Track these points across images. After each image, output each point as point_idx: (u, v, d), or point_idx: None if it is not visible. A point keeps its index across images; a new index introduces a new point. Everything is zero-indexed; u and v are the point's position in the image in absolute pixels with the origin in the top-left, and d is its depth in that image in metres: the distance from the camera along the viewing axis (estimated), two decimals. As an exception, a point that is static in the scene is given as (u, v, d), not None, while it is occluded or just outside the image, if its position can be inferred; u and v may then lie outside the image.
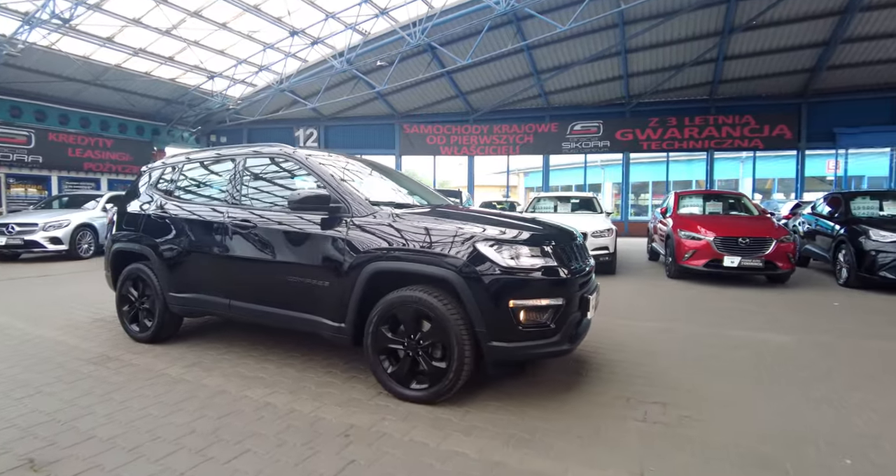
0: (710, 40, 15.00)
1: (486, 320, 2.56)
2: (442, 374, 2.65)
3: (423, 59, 16.10)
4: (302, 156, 3.35)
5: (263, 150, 3.57)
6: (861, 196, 8.31)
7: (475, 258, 2.60)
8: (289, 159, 3.42)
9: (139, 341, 3.90)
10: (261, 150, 3.58)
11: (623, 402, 2.83)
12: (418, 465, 2.11)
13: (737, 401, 2.87)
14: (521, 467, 2.12)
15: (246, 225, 3.32)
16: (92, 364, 3.40)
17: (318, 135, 20.23)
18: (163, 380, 3.10)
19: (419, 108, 19.75)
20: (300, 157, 3.35)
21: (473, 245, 2.62)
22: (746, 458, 2.22)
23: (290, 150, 3.43)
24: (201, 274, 3.54)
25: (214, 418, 2.54)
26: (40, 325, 4.50)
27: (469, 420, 2.56)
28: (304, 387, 3.00)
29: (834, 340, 4.17)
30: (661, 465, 2.14)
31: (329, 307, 2.97)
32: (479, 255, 2.60)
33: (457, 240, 2.67)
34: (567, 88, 18.24)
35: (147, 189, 4.08)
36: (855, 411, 2.73)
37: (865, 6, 13.11)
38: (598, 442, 2.36)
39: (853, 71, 15.76)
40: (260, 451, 2.21)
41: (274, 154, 3.51)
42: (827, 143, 17.19)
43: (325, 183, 3.12)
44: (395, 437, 2.36)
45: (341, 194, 3.03)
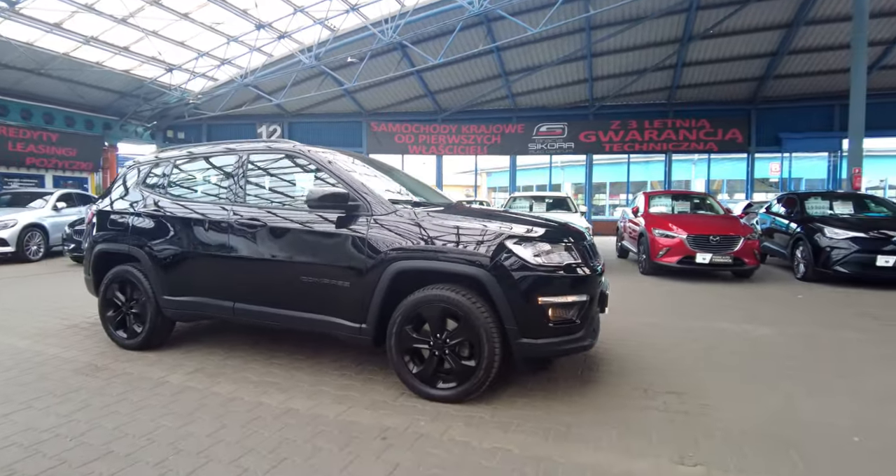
0: (671, 47, 15.68)
1: (516, 318, 2.57)
2: (471, 372, 2.64)
3: (392, 56, 15.97)
4: (316, 154, 3.25)
5: (272, 146, 3.44)
6: (814, 196, 8.92)
7: (505, 256, 2.61)
8: (299, 156, 3.30)
9: (127, 348, 3.66)
10: (271, 146, 3.44)
11: (640, 393, 2.92)
12: (466, 464, 2.10)
13: (741, 389, 3.02)
14: (567, 461, 2.14)
15: (254, 224, 3.18)
16: (81, 375, 3.16)
17: (281, 131, 19.66)
18: (166, 389, 2.93)
19: (387, 106, 19.58)
20: (313, 154, 3.24)
21: (503, 243, 2.63)
22: (769, 441, 2.34)
23: (303, 147, 3.31)
24: (200, 276, 3.37)
25: (236, 427, 2.43)
26: (7, 333, 4.16)
27: (500, 417, 2.56)
28: (322, 390, 2.91)
29: (810, 331, 4.45)
30: (697, 452, 2.22)
31: (348, 308, 2.90)
32: (509, 253, 2.61)
33: (486, 238, 2.67)
34: (534, 90, 18.57)
35: (135, 186, 3.84)
36: (848, 396, 2.93)
37: (808, 21, 14.09)
38: (630, 432, 2.42)
39: (797, 80, 16.90)
40: (297, 459, 2.13)
41: (283, 150, 3.38)
42: (774, 147, 18.33)
43: (342, 181, 3.03)
44: (434, 437, 2.33)
45: (360, 193, 2.96)
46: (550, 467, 2.09)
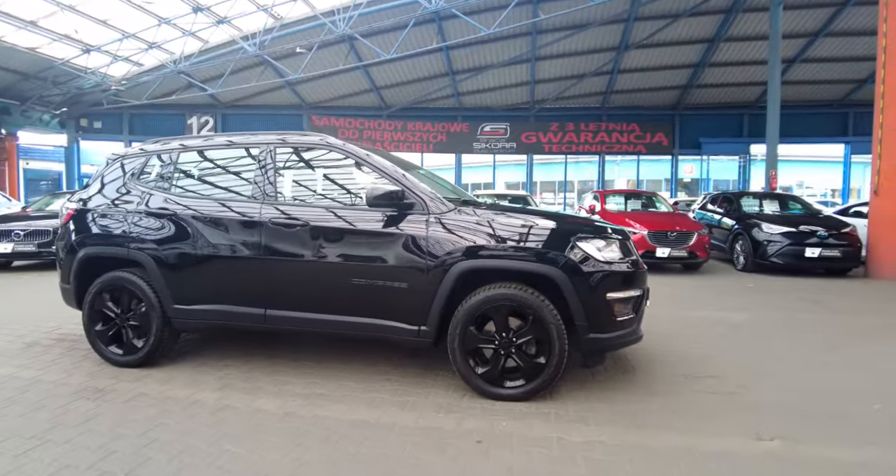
0: (609, 54, 16.63)
1: (586, 314, 2.63)
2: (540, 369, 2.66)
3: (339, 49, 15.46)
4: (353, 148, 3.07)
5: (302, 140, 3.20)
6: (746, 196, 9.93)
7: (577, 254, 2.65)
8: (332, 150, 3.11)
9: (123, 366, 3.23)
10: (300, 139, 3.20)
11: (682, 379, 3.11)
12: (575, 459, 2.12)
13: (761, 368, 3.32)
14: (660, 445, 2.25)
15: (292, 224, 2.94)
16: (84, 399, 2.74)
17: (214, 123, 18.35)
18: (202, 409, 2.62)
19: (330, 99, 18.95)
20: (350, 149, 3.07)
21: (574, 241, 2.67)
22: (814, 413, 2.63)
23: (336, 141, 3.12)
24: (224, 281, 3.07)
25: (315, 447, 2.23)
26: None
27: (573, 411, 2.61)
28: (378, 398, 2.78)
29: (778, 315, 4.96)
30: (767, 428, 2.41)
31: (406, 310, 2.79)
32: (580, 251, 2.66)
33: (557, 236, 2.70)
34: (479, 90, 18.87)
35: (127, 182, 3.40)
36: (847, 368, 3.35)
37: (727, 37, 15.60)
38: (696, 415, 2.58)
39: (715, 90, 18.64)
40: (413, 473, 2.02)
41: (314, 144, 3.17)
42: (694, 150, 20.07)
43: (394, 179, 2.90)
44: (526, 436, 2.32)
45: (413, 190, 2.85)
46: (651, 453, 2.18)
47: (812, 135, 19.36)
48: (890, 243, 7.51)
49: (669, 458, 2.15)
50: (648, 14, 14.54)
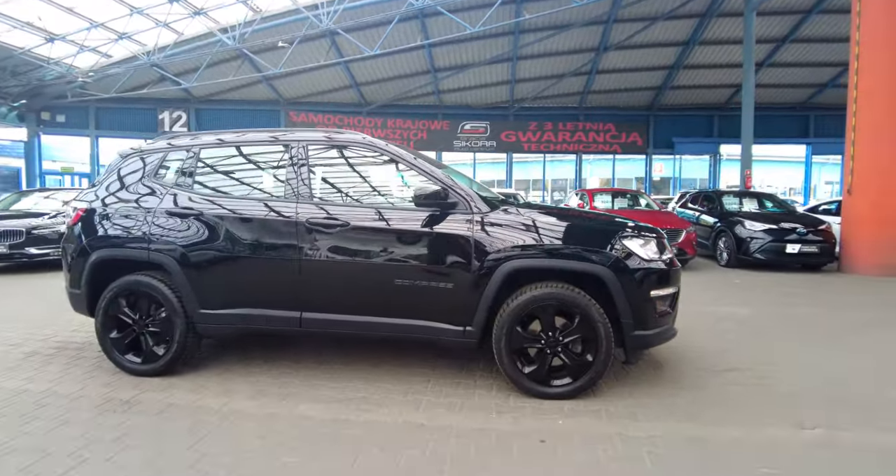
0: (588, 55, 16.93)
1: (632, 311, 2.67)
2: (587, 367, 2.69)
3: (321, 44, 15.17)
4: (393, 147, 3.01)
5: (338, 138, 3.11)
6: (726, 195, 10.30)
7: (624, 253, 2.69)
8: (371, 149, 3.04)
9: (141, 375, 3.06)
10: (334, 137, 3.11)
11: (707, 373, 3.20)
12: (642, 455, 2.15)
13: (779, 360, 3.47)
14: (715, 437, 2.33)
15: (332, 224, 2.86)
16: (111, 412, 2.58)
17: (187, 118, 17.69)
18: (244, 419, 2.51)
19: (308, 95, 18.58)
20: (391, 148, 3.01)
21: (621, 240, 2.71)
22: (842, 400, 2.77)
23: (377, 141, 3.05)
24: (257, 284, 2.95)
25: (376, 453, 2.18)
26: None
27: (620, 407, 2.65)
28: (423, 399, 2.74)
29: (778, 311, 5.17)
30: (805, 417, 2.52)
31: (451, 310, 2.76)
32: (627, 250, 2.70)
33: (603, 236, 2.73)
34: (460, 88, 18.90)
35: (143, 179, 3.22)
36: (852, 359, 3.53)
37: (701, 41, 16.13)
38: (734, 407, 2.68)
39: (687, 92, 19.25)
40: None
41: (353, 142, 3.09)
42: (667, 150, 20.69)
43: (437, 179, 2.86)
44: (587, 433, 2.35)
45: (458, 191, 2.83)
46: (709, 446, 2.25)
47: (776, 136, 20.20)
48: (862, 240, 7.93)
49: (729, 450, 2.21)
50: (628, 16, 14.87)
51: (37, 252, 7.47)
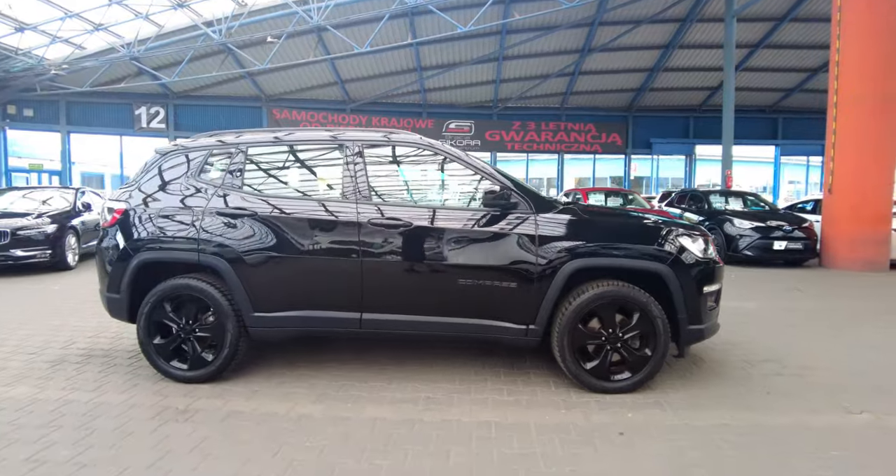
0: (572, 56, 17.22)
1: (687, 307, 2.79)
2: (644, 362, 2.79)
3: (307, 40, 14.92)
4: (450, 148, 3.04)
5: (394, 138, 3.12)
6: (712, 194, 10.69)
7: (681, 251, 2.81)
8: (429, 149, 3.06)
9: (187, 382, 2.97)
10: (391, 138, 3.11)
11: (746, 364, 3.37)
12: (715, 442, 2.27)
13: (808, 351, 3.67)
14: (778, 424, 2.49)
15: (394, 224, 2.86)
16: (173, 421, 2.50)
17: (165, 114, 17.09)
18: (316, 423, 2.48)
19: (291, 92, 18.24)
20: (448, 149, 3.04)
21: (677, 239, 2.82)
22: (873, 388, 2.97)
23: (434, 141, 3.07)
24: (316, 286, 2.92)
25: (465, 451, 2.21)
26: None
27: (679, 399, 2.78)
28: (490, 399, 2.78)
29: (781, 304, 5.44)
30: (849, 403, 2.71)
31: (514, 309, 2.82)
32: (683, 248, 2.81)
33: (662, 235, 2.84)
34: (445, 87, 18.91)
35: (189, 178, 3.13)
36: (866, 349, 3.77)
37: (681, 44, 16.64)
38: (783, 395, 2.86)
39: (665, 93, 19.82)
40: (586, 471, 2.07)
41: (410, 142, 3.10)
42: (645, 150, 21.26)
43: (497, 180, 2.90)
44: (659, 424, 2.46)
45: (519, 191, 2.88)
46: (775, 432, 2.40)
47: (748, 137, 20.98)
48: (842, 237, 8.39)
49: (795, 435, 2.36)
50: (613, 19, 15.21)
51: (23, 254, 7.11)
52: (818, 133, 20.61)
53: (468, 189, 3.10)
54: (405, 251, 2.87)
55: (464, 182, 3.11)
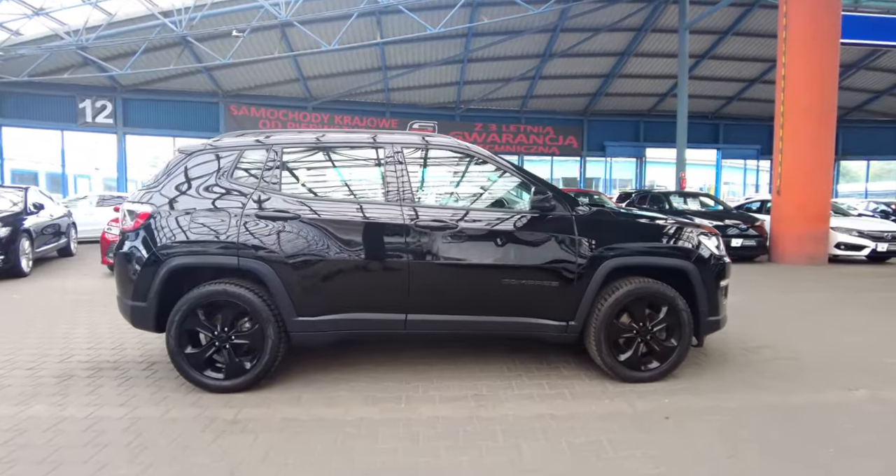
0: (534, 61, 17.72)
1: (708, 300, 3.06)
2: (671, 352, 3.02)
3: (270, 35, 14.47)
4: (486, 152, 3.14)
5: (433, 141, 3.18)
6: (672, 195, 11.39)
7: (702, 249, 3.07)
8: (467, 153, 3.16)
9: (223, 392, 2.88)
10: (430, 141, 3.16)
11: (745, 351, 3.71)
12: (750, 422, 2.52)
13: (797, 339, 4.04)
14: (792, 403, 2.79)
15: (440, 226, 2.92)
16: (229, 433, 2.41)
17: (112, 109, 15.99)
18: (378, 426, 2.49)
19: (250, 88, 17.61)
20: (485, 153, 3.14)
21: (699, 237, 3.07)
22: (861, 368, 3.34)
23: (472, 145, 3.16)
24: (362, 288, 2.92)
25: (535, 444, 2.32)
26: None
27: (702, 384, 3.03)
28: (533, 393, 2.90)
29: (756, 297, 5.93)
30: (846, 382, 3.06)
31: (554, 307, 2.96)
32: (704, 246, 3.07)
33: (686, 234, 3.09)
34: (409, 87, 18.92)
35: (221, 179, 3.03)
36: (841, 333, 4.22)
37: (635, 52, 17.55)
38: (787, 377, 3.18)
39: (618, 99, 20.79)
40: (655, 453, 2.24)
41: (445, 145, 3.17)
42: (600, 153, 22.21)
43: (536, 182, 3.04)
44: (695, 408, 2.69)
45: (557, 193, 3.03)
46: (793, 410, 2.70)
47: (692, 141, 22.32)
48: (790, 234, 9.21)
49: (811, 411, 2.67)
50: (574, 26, 15.80)
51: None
52: (754, 138, 22.46)
53: (502, 191, 3.23)
54: (450, 252, 2.94)
55: (499, 184, 3.22)
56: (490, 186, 3.22)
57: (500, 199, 3.21)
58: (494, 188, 3.21)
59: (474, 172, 3.24)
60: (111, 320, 4.52)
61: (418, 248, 2.92)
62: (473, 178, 3.25)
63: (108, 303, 5.35)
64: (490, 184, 3.21)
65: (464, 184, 3.25)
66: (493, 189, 3.20)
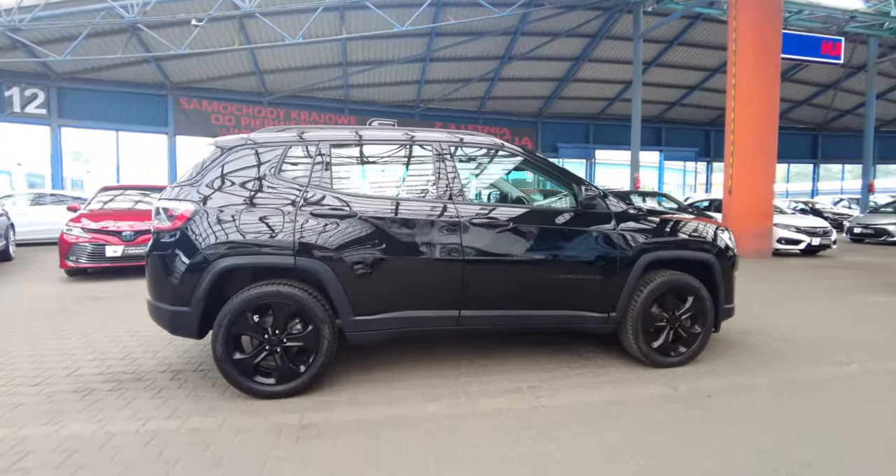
0: (494, 62, 18.09)
1: (725, 289, 3.36)
2: (695, 338, 3.30)
3: (226, 26, 13.80)
4: (524, 150, 3.27)
5: (477, 141, 3.25)
6: (632, 194, 12.08)
7: (722, 242, 3.37)
8: (509, 152, 3.27)
9: (273, 397, 2.80)
10: (475, 141, 3.24)
11: (744, 336, 4.06)
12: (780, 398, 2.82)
13: (775, 323, 4.47)
14: (799, 378, 3.15)
15: (493, 223, 3.00)
16: (307, 440, 2.36)
17: (46, 98, 14.59)
18: (456, 421, 2.56)
19: (201, 80, 16.70)
20: (524, 151, 3.27)
21: (718, 233, 3.36)
22: (846, 345, 3.79)
23: (507, 143, 3.28)
24: (418, 285, 2.95)
25: (613, 428, 2.49)
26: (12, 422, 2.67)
27: (722, 367, 3.32)
28: (582, 381, 3.09)
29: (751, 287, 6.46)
30: (835, 357, 3.47)
31: (597, 300, 3.14)
32: (723, 240, 3.38)
33: (708, 229, 3.39)
34: (369, 85, 18.71)
35: (265, 177, 2.93)
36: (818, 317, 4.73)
37: (590, 58, 18.36)
38: (785, 357, 3.53)
39: (571, 102, 21.67)
40: (722, 423, 2.46)
41: (488, 145, 3.26)
42: (553, 154, 22.99)
43: (576, 180, 3.20)
44: (730, 386, 2.97)
45: (598, 191, 3.21)
46: (803, 384, 3.05)
47: (637, 144, 23.93)
48: (740, 231, 9.97)
49: (816, 385, 3.02)
50: (534, 30, 16.30)
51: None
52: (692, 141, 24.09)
53: (546, 187, 3.38)
54: (503, 248, 3.04)
55: (541, 181, 3.37)
56: (532, 183, 3.35)
57: (543, 196, 3.36)
58: (538, 185, 3.34)
59: (515, 170, 3.37)
60: (100, 328, 4.28)
61: (472, 245, 2.99)
62: (515, 175, 3.37)
63: (86, 310, 4.99)
64: (533, 180, 3.35)
65: (504, 181, 3.36)
66: (537, 186, 3.34)
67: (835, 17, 15.40)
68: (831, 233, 10.29)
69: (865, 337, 4.06)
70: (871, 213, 14.51)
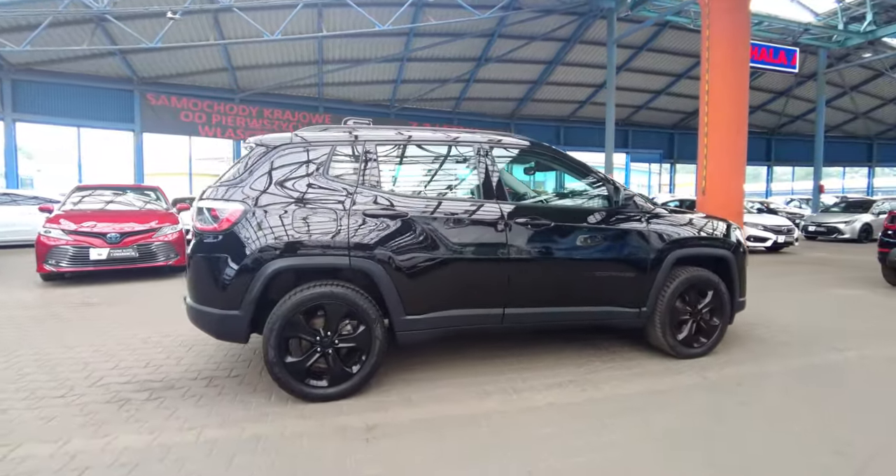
0: (470, 64, 18.24)
1: (739, 283, 3.60)
2: (714, 330, 3.52)
3: (199, 19, 13.33)
4: (563, 153, 3.39)
5: (513, 141, 3.36)
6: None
7: (736, 239, 3.61)
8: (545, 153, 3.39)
9: (324, 400, 2.79)
10: (513, 141, 3.35)
11: (749, 327, 4.34)
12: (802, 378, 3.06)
13: (773, 315, 4.78)
14: (804, 364, 3.42)
15: (538, 223, 3.10)
16: (376, 440, 2.37)
17: (-2, 91, 13.65)
18: (520, 417, 2.65)
19: (170, 75, 16.04)
20: (557, 152, 3.41)
21: (730, 230, 3.60)
22: (844, 334, 4.10)
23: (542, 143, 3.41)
24: (466, 285, 3.00)
25: (659, 415, 2.65)
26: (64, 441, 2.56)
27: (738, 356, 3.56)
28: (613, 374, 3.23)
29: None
30: (834, 345, 3.77)
31: (629, 296, 3.30)
32: (736, 237, 3.62)
33: (726, 228, 3.62)
34: (345, 83, 18.48)
35: (314, 176, 2.90)
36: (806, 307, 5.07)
37: (563, 62, 18.81)
38: (790, 346, 3.82)
39: (542, 104, 22.09)
40: (762, 408, 2.65)
41: (522, 145, 3.37)
42: (527, 154, 23.40)
43: (613, 181, 3.34)
44: (748, 375, 3.19)
45: (630, 192, 3.36)
46: (816, 369, 3.31)
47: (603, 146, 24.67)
48: (712, 230, 10.61)
49: (823, 370, 3.30)
50: (510, 33, 16.54)
51: None
52: (657, 144, 25.02)
53: (580, 188, 3.51)
54: (547, 247, 3.15)
55: (576, 182, 3.50)
56: (567, 183, 3.48)
57: (579, 195, 3.50)
58: (573, 185, 3.47)
59: (545, 169, 3.50)
60: (105, 335, 4.15)
61: (517, 244, 3.08)
62: (552, 175, 3.49)
63: (79, 317, 4.77)
64: (571, 182, 3.48)
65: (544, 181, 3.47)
66: (572, 186, 3.47)
67: (790, 29, 16.42)
68: (794, 231, 11.00)
69: (850, 327, 4.41)
70: (823, 212, 15.60)
